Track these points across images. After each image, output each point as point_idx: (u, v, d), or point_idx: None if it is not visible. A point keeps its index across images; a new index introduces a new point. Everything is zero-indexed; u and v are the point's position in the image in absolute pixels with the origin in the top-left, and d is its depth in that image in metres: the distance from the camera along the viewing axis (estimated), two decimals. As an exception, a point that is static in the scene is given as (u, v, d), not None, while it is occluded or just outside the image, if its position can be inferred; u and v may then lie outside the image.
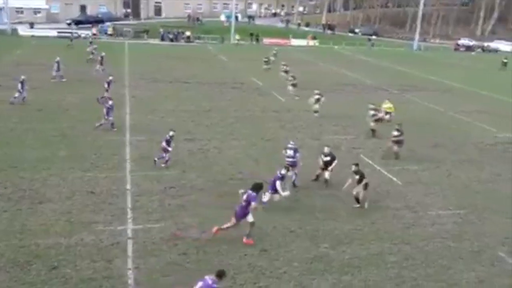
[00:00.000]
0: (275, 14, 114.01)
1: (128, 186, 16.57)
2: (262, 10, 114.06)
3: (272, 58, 47.06)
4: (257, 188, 13.21)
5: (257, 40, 73.67)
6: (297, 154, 17.40)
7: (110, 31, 69.06)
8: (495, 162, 21.94)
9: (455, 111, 31.75)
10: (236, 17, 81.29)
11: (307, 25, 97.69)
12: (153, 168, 18.19)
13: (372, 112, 24.45)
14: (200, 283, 9.32)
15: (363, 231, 14.40)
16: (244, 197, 13.00)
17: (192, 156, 20.09)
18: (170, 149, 18.39)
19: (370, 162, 20.38)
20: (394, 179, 18.76)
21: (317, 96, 27.60)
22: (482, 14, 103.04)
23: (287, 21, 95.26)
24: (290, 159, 17.16)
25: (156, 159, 18.48)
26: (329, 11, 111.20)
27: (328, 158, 17.36)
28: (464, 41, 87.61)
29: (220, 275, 9.41)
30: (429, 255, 13.29)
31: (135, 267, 11.80)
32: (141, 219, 14.24)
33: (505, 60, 59.41)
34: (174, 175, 17.79)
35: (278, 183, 15.07)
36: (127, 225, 13.85)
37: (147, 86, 33.71)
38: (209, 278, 9.32)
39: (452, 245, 14.00)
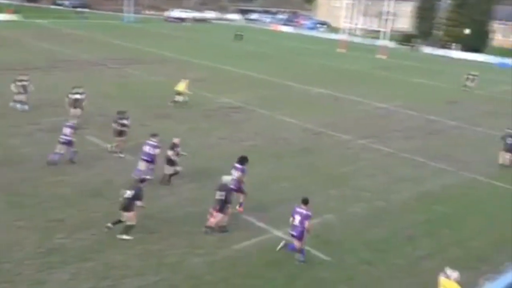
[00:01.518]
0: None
1: None
2: None
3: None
4: (243, 160, 15.12)
5: None
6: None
7: None
8: (219, 126, 24.01)
9: (175, 81, 33.34)
10: None
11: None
12: None
13: (75, 97, 21.98)
14: (297, 216, 12.33)
15: (99, 213, 14.08)
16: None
17: None
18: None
19: (96, 141, 19.99)
20: (122, 155, 18.72)
21: (22, 83, 23.73)
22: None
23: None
24: (64, 137, 17.47)
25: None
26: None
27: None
28: (175, 12, 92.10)
29: (306, 201, 12.48)
30: (172, 225, 13.84)
31: None
32: None
33: (240, 33, 64.21)
34: None
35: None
36: None
37: None
38: (299, 208, 12.40)
39: (191, 210, 14.89)
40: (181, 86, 27.07)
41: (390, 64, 53.26)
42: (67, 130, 17.56)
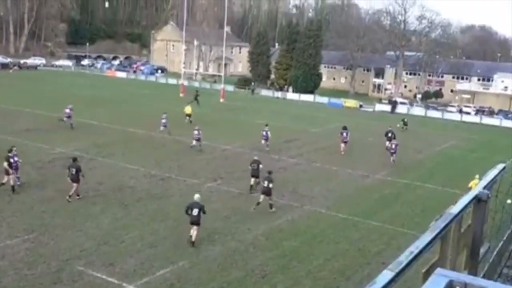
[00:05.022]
0: None
1: None
2: None
3: None
4: (346, 127, 29.47)
5: None
6: None
7: None
8: (56, 179, 22.63)
9: (4, 134, 31.04)
10: None
11: None
12: None
13: None
14: (393, 145, 27.83)
15: None
16: None
17: None
18: None
19: None
20: None
21: None
22: (11, 30, 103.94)
23: None
24: None
25: None
26: None
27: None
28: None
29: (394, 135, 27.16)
30: (6, 291, 12.71)
31: None
32: None
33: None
34: None
35: None
36: None
37: None
38: (392, 140, 24.15)
39: (28, 273, 13.80)
40: (188, 109, 39.48)
41: (231, 107, 55.18)
42: None
